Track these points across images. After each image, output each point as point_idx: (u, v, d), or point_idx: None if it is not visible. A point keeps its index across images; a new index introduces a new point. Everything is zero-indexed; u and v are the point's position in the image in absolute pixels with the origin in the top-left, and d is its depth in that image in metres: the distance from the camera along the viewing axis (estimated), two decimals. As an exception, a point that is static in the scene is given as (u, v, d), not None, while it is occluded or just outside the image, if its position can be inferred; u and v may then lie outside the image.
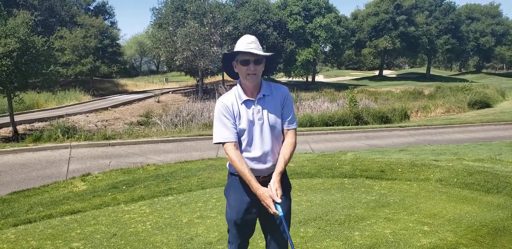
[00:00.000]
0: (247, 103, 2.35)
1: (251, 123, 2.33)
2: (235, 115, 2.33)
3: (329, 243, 3.65)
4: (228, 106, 2.33)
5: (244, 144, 2.37)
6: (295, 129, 2.44)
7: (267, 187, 2.29)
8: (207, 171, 7.18)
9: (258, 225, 2.64)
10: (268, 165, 2.37)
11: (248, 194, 2.40)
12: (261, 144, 2.35)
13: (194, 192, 5.65)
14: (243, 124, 2.33)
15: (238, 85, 2.41)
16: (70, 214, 4.80)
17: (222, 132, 2.33)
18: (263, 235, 3.75)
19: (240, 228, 2.50)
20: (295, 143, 2.41)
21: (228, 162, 2.48)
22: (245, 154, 2.37)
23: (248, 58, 2.28)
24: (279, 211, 2.20)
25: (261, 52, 2.29)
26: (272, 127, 2.36)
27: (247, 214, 2.45)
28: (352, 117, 17.48)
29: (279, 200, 2.22)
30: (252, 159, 2.37)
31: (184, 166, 8.11)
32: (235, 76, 2.44)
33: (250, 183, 2.26)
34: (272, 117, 2.35)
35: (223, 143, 2.34)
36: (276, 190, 2.25)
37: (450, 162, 7.35)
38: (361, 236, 3.80)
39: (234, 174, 2.48)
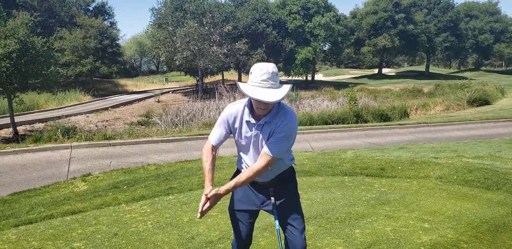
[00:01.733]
0: (249, 124, 2.36)
1: (248, 140, 2.39)
2: (235, 127, 2.40)
3: (330, 240, 3.66)
4: (230, 119, 2.39)
5: (242, 154, 2.50)
6: (270, 156, 2.28)
7: (267, 189, 2.47)
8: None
9: (258, 224, 2.68)
10: (264, 176, 2.45)
11: (252, 189, 2.55)
12: (253, 159, 2.42)
13: (195, 191, 5.66)
14: (240, 138, 2.42)
15: (249, 102, 2.36)
16: (71, 214, 4.81)
17: (213, 133, 2.46)
18: (264, 234, 3.79)
19: (240, 219, 2.59)
20: (260, 170, 2.30)
21: (237, 159, 2.62)
22: (244, 162, 2.50)
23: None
24: (276, 225, 2.45)
25: (273, 97, 2.11)
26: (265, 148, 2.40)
27: (247, 207, 2.56)
28: (352, 116, 17.47)
29: (200, 210, 2.28)
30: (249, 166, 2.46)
31: (185, 165, 8.12)
32: None
33: (204, 181, 2.37)
34: (264, 142, 2.36)
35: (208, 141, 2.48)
36: (209, 201, 2.29)
37: (450, 160, 7.36)
38: (361, 233, 3.81)
39: (240, 171, 2.60)
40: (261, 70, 2.16)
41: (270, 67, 2.18)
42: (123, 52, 46.94)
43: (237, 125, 2.39)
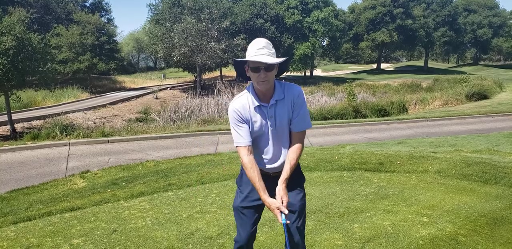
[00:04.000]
0: (260, 108, 2.34)
1: (264, 127, 2.36)
2: (248, 120, 2.36)
3: (329, 235, 3.66)
4: (240, 112, 2.35)
5: (256, 143, 2.43)
6: (304, 131, 2.41)
7: (275, 181, 2.39)
8: (206, 167, 7.18)
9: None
10: (279, 163, 2.44)
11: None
12: (273, 147, 2.41)
13: (193, 187, 5.66)
14: (256, 128, 2.37)
15: (250, 88, 2.37)
16: (69, 211, 4.81)
17: (236, 136, 2.37)
18: (263, 229, 3.79)
19: (245, 214, 2.54)
20: (303, 147, 2.40)
21: (237, 156, 2.56)
22: (256, 152, 2.44)
23: (258, 65, 2.21)
24: (283, 219, 2.27)
25: (272, 60, 2.21)
26: (284, 132, 2.40)
27: (255, 202, 2.50)
28: (351, 111, 17.48)
29: (286, 212, 2.27)
30: (264, 159, 2.45)
31: (183, 161, 8.12)
32: (247, 78, 2.39)
33: (258, 191, 2.33)
34: (284, 122, 2.37)
35: (238, 147, 2.38)
36: (282, 199, 2.30)
37: (448, 154, 7.37)
38: (360, 228, 3.82)
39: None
40: (255, 42, 2.29)
41: (263, 39, 2.32)
42: (120, 48, 46.81)
43: (248, 116, 2.35)
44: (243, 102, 2.36)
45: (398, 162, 6.72)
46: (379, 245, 3.44)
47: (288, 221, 2.29)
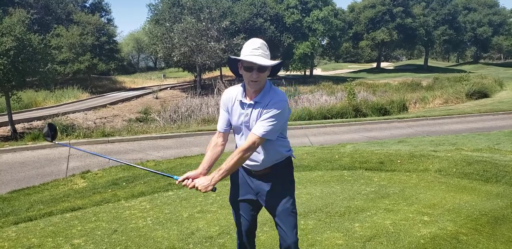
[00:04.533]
0: (241, 104, 2.39)
1: (240, 123, 2.41)
2: (230, 111, 2.45)
3: (330, 234, 3.66)
4: (225, 101, 2.46)
5: (237, 139, 2.51)
6: (256, 135, 2.25)
7: (262, 179, 2.49)
8: (206, 166, 7.16)
9: (257, 219, 2.68)
10: (257, 162, 2.45)
11: (245, 181, 2.57)
12: None
13: (194, 187, 5.65)
14: (234, 121, 2.44)
15: (243, 82, 2.41)
16: (70, 211, 4.81)
17: (219, 119, 2.54)
18: (264, 228, 3.79)
19: (240, 209, 2.61)
20: (246, 150, 2.26)
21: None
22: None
23: (252, 65, 2.22)
24: (175, 177, 2.42)
25: (266, 61, 2.21)
26: None
27: (245, 197, 2.57)
28: (351, 110, 17.47)
29: (177, 181, 2.40)
30: None
31: (184, 161, 8.12)
32: (241, 76, 2.40)
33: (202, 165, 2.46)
34: (255, 123, 2.36)
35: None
36: (189, 178, 2.38)
37: (449, 153, 7.37)
38: (361, 227, 3.81)
39: None
40: (251, 42, 2.31)
41: (259, 39, 2.34)
42: (120, 48, 46.77)
43: (231, 105, 2.43)
44: (232, 92, 2.45)
45: (399, 161, 6.72)
46: (380, 244, 3.43)
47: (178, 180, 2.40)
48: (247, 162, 2.43)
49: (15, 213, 5.14)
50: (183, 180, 2.34)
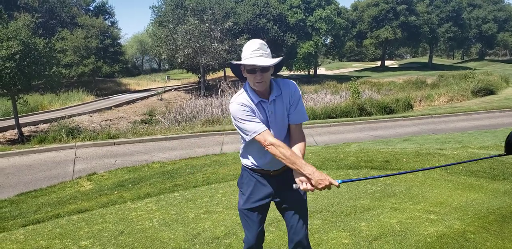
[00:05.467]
0: (261, 104, 2.35)
1: (266, 122, 2.35)
2: (254, 113, 2.33)
3: (336, 234, 3.66)
4: (247, 106, 2.30)
5: (258, 143, 2.38)
6: (301, 124, 2.43)
7: (280, 181, 2.45)
8: (211, 167, 7.20)
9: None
10: (277, 162, 2.37)
11: (260, 185, 2.49)
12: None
13: (199, 188, 5.67)
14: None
15: (247, 86, 2.36)
16: (77, 213, 4.84)
17: (252, 125, 2.27)
18: (270, 229, 3.79)
19: (251, 216, 2.53)
20: (305, 138, 2.43)
21: (240, 154, 2.56)
22: (256, 151, 2.44)
23: (254, 67, 2.21)
24: (338, 181, 2.18)
25: (267, 61, 2.20)
26: (283, 128, 2.41)
27: (259, 203, 2.50)
28: (356, 109, 17.42)
29: (335, 183, 2.16)
30: (263, 155, 2.41)
31: (189, 162, 8.14)
32: (245, 79, 2.40)
33: (302, 169, 2.20)
34: (283, 117, 2.38)
35: (259, 134, 2.27)
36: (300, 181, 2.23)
37: (455, 151, 7.32)
38: (367, 226, 3.80)
39: (246, 166, 2.54)
40: (249, 44, 2.28)
41: (257, 40, 2.31)
42: (124, 51, 46.99)
43: (253, 110, 2.33)
44: (246, 97, 2.34)
45: (404, 160, 6.69)
46: (386, 243, 3.42)
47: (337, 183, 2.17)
48: (269, 163, 2.40)
49: (23, 215, 5.18)
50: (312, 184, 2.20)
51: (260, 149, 2.38)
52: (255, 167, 2.48)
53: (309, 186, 2.16)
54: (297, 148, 2.36)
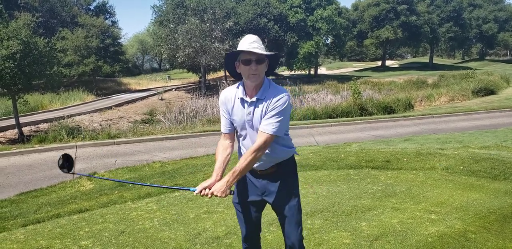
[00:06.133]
0: (242, 102, 2.38)
1: (242, 121, 2.39)
2: (229, 110, 2.43)
3: (337, 234, 3.65)
4: (224, 102, 2.45)
5: (241, 139, 2.49)
6: (267, 134, 2.26)
7: (266, 178, 2.47)
8: (212, 167, 7.15)
9: (264, 219, 2.67)
10: (261, 161, 2.41)
11: (251, 183, 2.54)
12: (251, 142, 2.40)
13: (200, 187, 5.65)
14: (236, 120, 2.42)
15: (241, 82, 2.42)
16: (78, 213, 4.84)
17: (221, 123, 2.50)
18: (270, 228, 3.79)
19: (244, 211, 2.58)
20: (259, 150, 2.26)
21: (237, 152, 2.62)
22: (242, 148, 2.51)
23: (249, 57, 2.25)
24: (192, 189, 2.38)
25: (262, 51, 2.25)
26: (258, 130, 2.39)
27: (250, 198, 2.54)
28: (356, 109, 17.42)
29: (196, 191, 2.34)
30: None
31: (190, 162, 8.14)
32: (237, 76, 2.42)
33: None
34: (258, 120, 2.35)
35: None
36: (206, 188, 2.33)
37: (455, 150, 7.31)
38: (368, 226, 3.80)
39: None
40: (246, 37, 2.34)
41: (253, 35, 2.37)
42: (125, 50, 46.96)
43: (231, 105, 2.41)
44: (230, 92, 2.44)
45: (405, 159, 6.68)
46: (387, 243, 3.42)
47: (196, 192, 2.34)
48: None
49: (23, 215, 5.17)
50: (200, 191, 2.32)
51: (244, 147, 2.46)
52: None
53: (207, 192, 2.32)
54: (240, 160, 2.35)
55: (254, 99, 2.33)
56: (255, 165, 2.42)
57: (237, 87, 2.42)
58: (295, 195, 2.50)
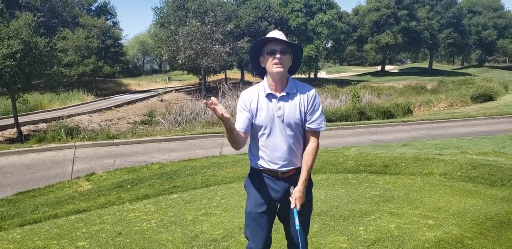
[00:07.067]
0: (269, 97, 2.34)
1: (271, 117, 2.32)
2: (255, 108, 2.34)
3: (334, 238, 3.65)
4: (247, 99, 2.35)
5: (264, 138, 2.36)
6: (318, 132, 2.39)
7: (288, 186, 2.40)
8: (211, 169, 7.19)
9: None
10: (286, 161, 2.36)
11: (268, 188, 2.42)
12: (280, 140, 2.34)
13: (198, 190, 5.67)
14: (261, 117, 2.32)
15: (265, 79, 2.39)
16: (75, 213, 4.83)
17: (236, 121, 2.35)
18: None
19: (258, 221, 2.43)
20: (318, 148, 2.38)
21: (248, 155, 2.51)
22: (264, 148, 2.37)
23: (274, 47, 2.27)
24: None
25: (286, 39, 2.30)
26: (291, 126, 2.33)
27: (267, 207, 2.42)
28: (355, 113, 17.43)
29: (292, 206, 2.32)
30: (271, 153, 2.36)
31: (188, 164, 8.14)
32: (261, 72, 2.42)
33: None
34: (292, 116, 2.32)
35: None
36: (295, 200, 2.31)
37: (453, 156, 7.33)
38: (366, 230, 3.80)
39: (254, 168, 2.48)
40: (273, 31, 2.40)
41: (280, 31, 2.43)
42: (125, 51, 46.98)
43: (255, 103, 2.34)
44: (252, 91, 2.39)
45: (403, 165, 6.69)
46: (384, 248, 3.42)
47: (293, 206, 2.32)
48: (277, 161, 2.36)
49: (20, 215, 5.17)
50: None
51: (270, 146, 2.35)
52: (262, 168, 2.41)
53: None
54: (304, 159, 2.36)
55: (284, 93, 2.32)
56: (280, 167, 2.37)
57: (259, 86, 2.39)
58: (311, 197, 2.48)
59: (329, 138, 11.74)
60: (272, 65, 2.27)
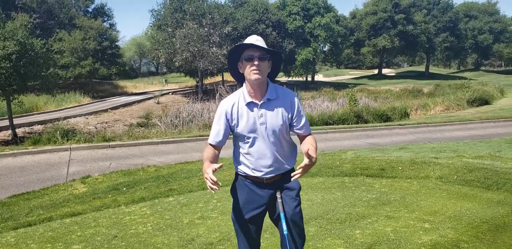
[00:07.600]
0: (250, 106, 2.31)
1: (254, 125, 2.30)
2: (235, 117, 2.32)
3: (330, 241, 3.64)
4: (226, 110, 2.34)
5: (247, 146, 2.35)
6: (310, 134, 2.41)
7: (274, 191, 2.40)
8: (207, 172, 7.15)
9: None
10: (271, 168, 2.35)
11: (254, 193, 2.41)
12: (264, 147, 2.32)
13: (194, 193, 5.64)
14: (242, 126, 2.31)
15: (244, 86, 2.36)
16: (70, 216, 4.80)
17: (211, 133, 2.41)
18: (264, 235, 3.77)
19: (245, 227, 2.45)
20: (315, 140, 2.38)
21: (233, 160, 2.52)
22: (247, 156, 2.37)
23: (252, 53, 2.23)
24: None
25: (264, 45, 2.26)
26: (274, 132, 2.31)
27: (252, 213, 2.41)
28: (352, 116, 17.45)
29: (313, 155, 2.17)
30: (255, 161, 2.35)
31: (185, 167, 8.11)
32: (240, 78, 2.39)
33: (203, 163, 2.29)
34: (275, 122, 2.30)
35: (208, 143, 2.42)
36: (308, 150, 2.18)
37: (450, 160, 7.35)
38: (362, 234, 3.80)
39: (239, 173, 2.48)
40: (251, 36, 2.36)
41: (258, 36, 2.37)
42: (122, 53, 46.95)
43: (236, 113, 2.32)
44: (231, 100, 2.36)
45: (400, 168, 6.70)
46: (380, 252, 3.41)
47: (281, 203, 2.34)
48: (261, 169, 2.35)
49: (14, 218, 5.12)
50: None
51: (254, 153, 2.34)
52: (246, 174, 2.41)
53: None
54: (308, 142, 2.33)
55: (264, 100, 2.30)
56: (264, 174, 2.36)
57: (238, 94, 2.36)
58: (299, 201, 2.46)
59: (326, 141, 11.75)
60: (250, 72, 2.24)
